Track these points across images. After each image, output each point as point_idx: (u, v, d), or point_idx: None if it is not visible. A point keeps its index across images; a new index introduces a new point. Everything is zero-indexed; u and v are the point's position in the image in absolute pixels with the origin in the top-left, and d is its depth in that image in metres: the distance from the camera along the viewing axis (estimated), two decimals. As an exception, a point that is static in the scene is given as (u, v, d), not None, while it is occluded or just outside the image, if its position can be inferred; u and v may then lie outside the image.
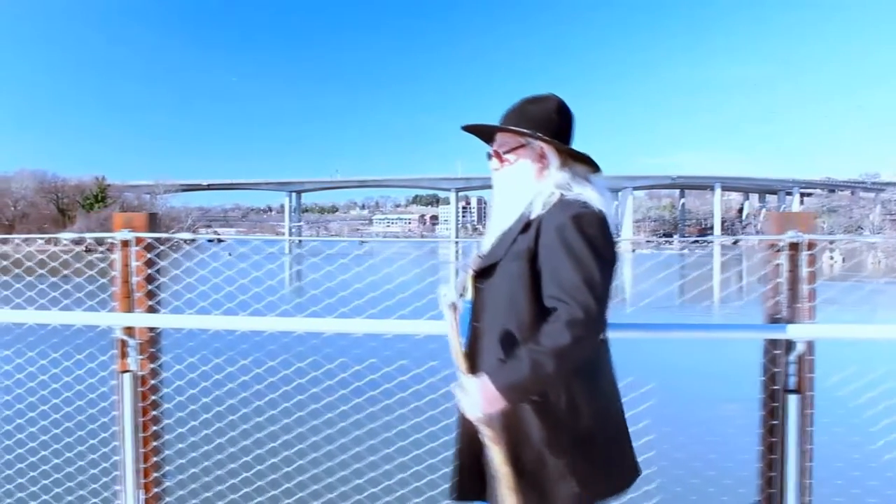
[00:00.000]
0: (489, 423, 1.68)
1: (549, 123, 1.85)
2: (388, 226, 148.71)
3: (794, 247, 2.47)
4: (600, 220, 1.73)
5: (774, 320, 2.48)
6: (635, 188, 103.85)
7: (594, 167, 1.89)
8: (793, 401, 2.42)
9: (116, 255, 2.68)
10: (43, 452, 2.93)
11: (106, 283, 2.80)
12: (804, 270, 2.46)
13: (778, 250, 2.48)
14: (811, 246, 2.48)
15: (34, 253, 3.05)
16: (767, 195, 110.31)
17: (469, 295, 1.85)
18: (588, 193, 1.78)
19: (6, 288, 2.97)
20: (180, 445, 2.80)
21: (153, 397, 2.67)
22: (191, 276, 2.86)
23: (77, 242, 2.88)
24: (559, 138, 1.85)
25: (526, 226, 1.76)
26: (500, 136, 1.93)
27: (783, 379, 2.44)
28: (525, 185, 1.84)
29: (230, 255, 3.41)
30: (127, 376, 2.65)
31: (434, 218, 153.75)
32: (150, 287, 2.67)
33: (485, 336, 1.78)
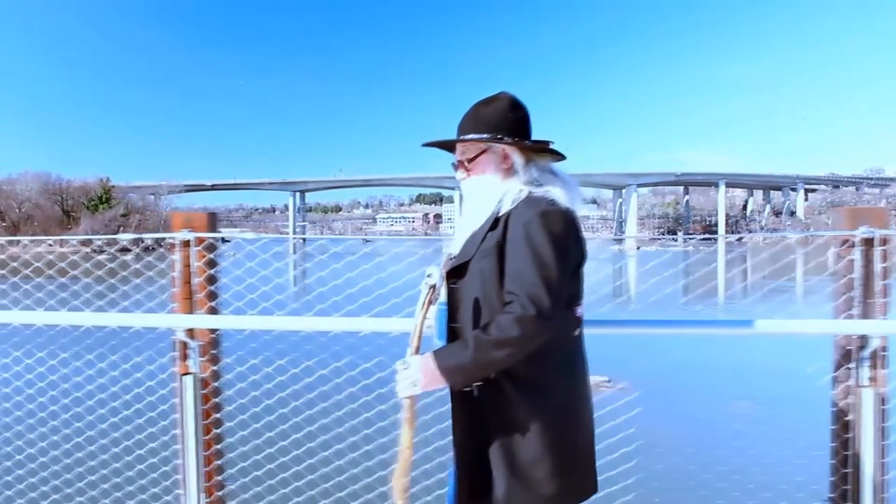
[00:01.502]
0: (413, 403, 1.74)
1: (506, 122, 1.86)
2: (392, 225, 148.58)
3: (867, 242, 2.45)
4: (566, 218, 1.75)
5: (847, 316, 2.45)
6: (639, 185, 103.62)
7: (558, 155, 1.92)
8: (868, 396, 2.39)
9: (176, 256, 2.65)
10: (102, 456, 2.91)
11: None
12: (878, 266, 2.44)
13: (850, 246, 2.46)
14: (884, 241, 2.45)
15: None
16: (771, 191, 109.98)
17: (444, 297, 1.86)
18: (555, 190, 1.79)
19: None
20: (243, 448, 2.77)
21: (215, 400, 2.65)
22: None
23: (136, 243, 2.85)
24: (518, 135, 1.86)
25: (495, 222, 1.78)
26: (460, 146, 1.94)
27: (856, 375, 2.42)
28: (493, 190, 1.84)
29: (235, 254, 3.39)
30: (188, 379, 2.62)
31: (438, 216, 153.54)
32: (211, 288, 2.65)
33: (464, 336, 1.76)
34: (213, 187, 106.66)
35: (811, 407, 2.70)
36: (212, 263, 2.66)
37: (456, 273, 1.82)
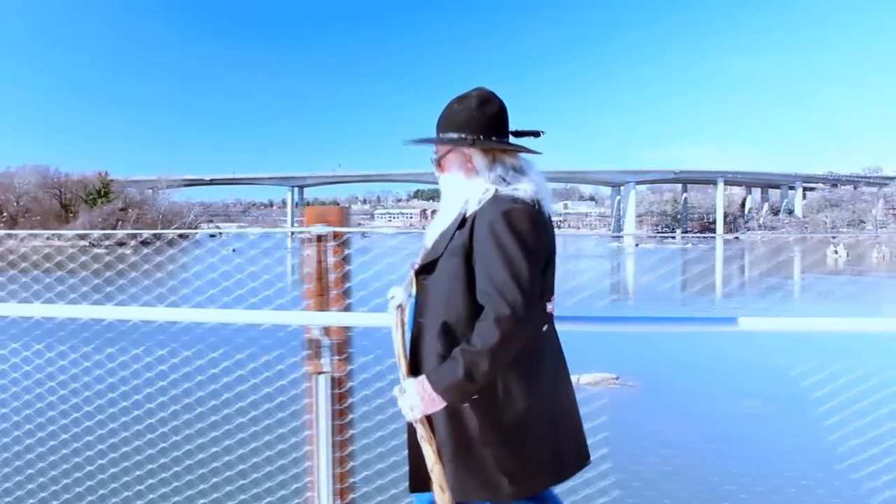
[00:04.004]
0: (424, 423, 1.78)
1: (472, 121, 1.87)
2: (390, 220, 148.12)
3: None
4: (530, 215, 1.76)
5: None
6: (638, 183, 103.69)
7: (530, 151, 1.91)
8: None
9: (310, 251, 2.56)
10: (227, 458, 2.81)
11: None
12: None
13: None
14: None
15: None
16: (770, 190, 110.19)
17: (414, 291, 1.92)
18: (522, 187, 1.81)
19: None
20: (381, 450, 2.68)
21: (350, 400, 2.56)
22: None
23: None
24: (485, 133, 1.86)
25: (462, 222, 1.81)
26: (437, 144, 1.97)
27: None
28: (459, 188, 1.88)
29: (234, 249, 3.34)
30: (322, 378, 2.53)
31: (435, 213, 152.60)
32: (346, 285, 2.56)
33: (427, 331, 1.83)
34: (212, 181, 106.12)
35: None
36: (347, 259, 2.58)
37: (426, 269, 1.86)
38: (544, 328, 1.87)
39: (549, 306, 1.88)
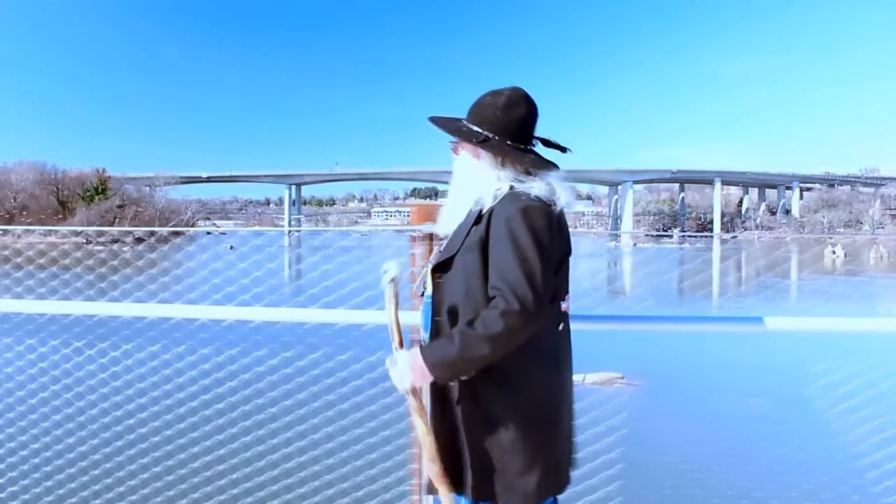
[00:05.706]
0: (415, 394, 1.76)
1: (493, 119, 1.86)
2: (387, 218, 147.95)
3: None
4: (547, 214, 1.76)
5: None
6: (635, 182, 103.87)
7: (546, 164, 1.88)
8: None
9: (417, 251, 2.50)
10: (328, 461, 2.76)
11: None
12: None
13: None
14: None
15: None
16: (767, 190, 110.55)
17: (429, 290, 1.89)
18: (539, 185, 1.80)
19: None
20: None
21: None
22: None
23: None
24: (502, 134, 1.85)
25: (478, 218, 1.80)
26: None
27: None
28: (468, 178, 1.89)
29: (232, 247, 3.32)
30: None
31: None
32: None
33: (446, 329, 1.80)
34: (209, 179, 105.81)
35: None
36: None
37: (442, 267, 1.84)
38: (560, 327, 1.86)
39: (564, 305, 1.87)
